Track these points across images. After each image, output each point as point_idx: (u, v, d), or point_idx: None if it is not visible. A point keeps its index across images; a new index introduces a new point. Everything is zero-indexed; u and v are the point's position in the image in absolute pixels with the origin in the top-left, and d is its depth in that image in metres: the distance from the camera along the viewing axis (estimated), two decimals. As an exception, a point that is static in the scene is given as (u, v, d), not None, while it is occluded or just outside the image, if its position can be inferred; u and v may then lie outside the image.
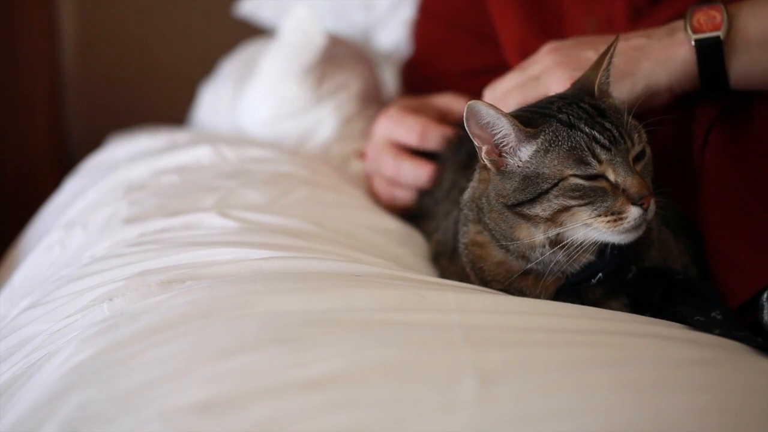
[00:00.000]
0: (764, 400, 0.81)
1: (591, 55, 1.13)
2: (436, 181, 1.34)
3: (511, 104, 1.14)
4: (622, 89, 1.11)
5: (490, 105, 0.99)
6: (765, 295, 1.03)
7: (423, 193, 1.37)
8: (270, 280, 0.99)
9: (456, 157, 1.29)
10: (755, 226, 1.09)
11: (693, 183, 1.19)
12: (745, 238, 1.09)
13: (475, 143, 1.03)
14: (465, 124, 1.01)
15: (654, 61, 1.12)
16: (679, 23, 1.14)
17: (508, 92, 1.18)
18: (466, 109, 0.99)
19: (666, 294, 1.06)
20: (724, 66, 1.11)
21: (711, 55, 1.11)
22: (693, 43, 1.11)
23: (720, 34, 1.10)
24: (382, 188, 1.43)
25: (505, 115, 0.99)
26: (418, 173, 1.36)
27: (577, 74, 1.09)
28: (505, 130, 1.00)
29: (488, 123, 1.00)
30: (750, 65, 1.11)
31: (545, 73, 1.15)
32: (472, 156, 1.09)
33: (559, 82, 1.12)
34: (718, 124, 1.17)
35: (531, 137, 1.00)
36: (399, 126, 1.40)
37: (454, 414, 0.77)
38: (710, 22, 1.11)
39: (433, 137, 1.36)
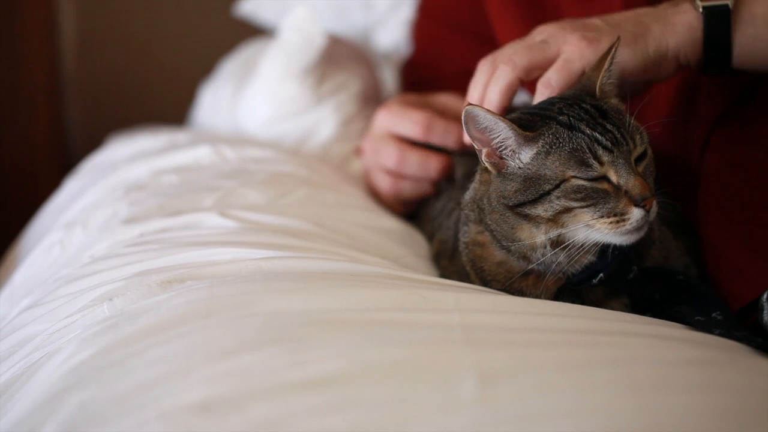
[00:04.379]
0: (764, 400, 0.81)
1: (595, 21, 1.11)
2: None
3: (519, 63, 1.10)
4: (636, 51, 1.09)
5: (488, 110, 0.99)
6: (765, 296, 1.03)
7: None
8: (270, 280, 0.99)
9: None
10: (755, 229, 1.09)
11: (691, 185, 1.19)
12: (745, 240, 1.09)
13: (475, 146, 1.03)
14: (464, 128, 1.01)
15: (663, 24, 1.10)
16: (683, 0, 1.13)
17: (514, 53, 1.11)
18: (464, 114, 0.99)
19: (666, 294, 1.06)
20: (729, 35, 1.10)
21: (717, 22, 1.10)
22: (701, 10, 1.10)
23: (728, 2, 1.10)
24: (384, 182, 1.40)
25: (503, 119, 0.99)
26: (427, 165, 1.35)
27: (589, 35, 1.07)
28: (504, 134, 1.00)
29: (486, 128, 1.00)
30: (754, 40, 1.11)
31: (553, 37, 1.11)
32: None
33: (572, 43, 1.08)
34: (720, 127, 1.17)
35: (530, 140, 1.00)
36: (402, 119, 1.37)
37: (454, 414, 0.77)
38: None
39: (438, 130, 1.34)
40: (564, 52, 1.08)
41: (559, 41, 1.09)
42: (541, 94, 1.08)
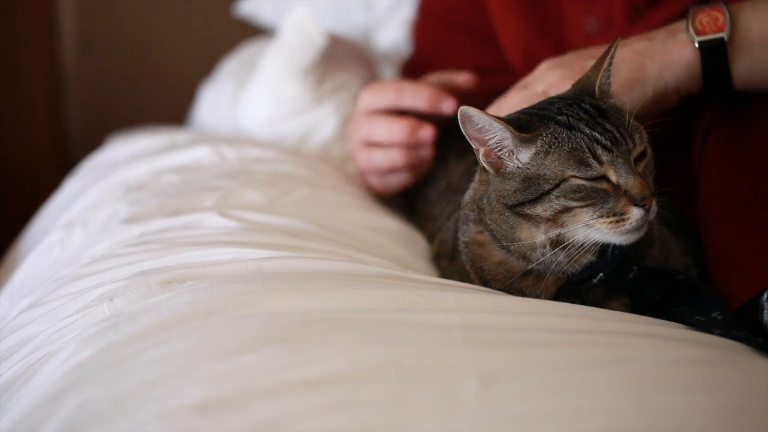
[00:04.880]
0: (764, 400, 0.81)
1: (592, 63, 1.13)
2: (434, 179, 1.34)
3: None
4: (634, 96, 1.11)
5: (483, 111, 0.99)
6: (765, 296, 1.03)
7: (422, 190, 1.36)
8: (270, 280, 0.99)
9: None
10: (755, 227, 1.09)
11: (691, 184, 1.19)
12: (744, 239, 1.09)
13: (473, 146, 1.03)
14: (461, 128, 1.01)
15: (659, 64, 1.12)
16: (680, 24, 1.14)
17: (518, 106, 1.13)
18: (460, 115, 0.99)
19: (667, 294, 1.06)
20: (728, 67, 1.11)
21: (714, 56, 1.11)
22: (696, 45, 1.11)
23: (723, 35, 1.10)
24: (399, 156, 1.35)
25: (499, 120, 0.99)
26: (400, 129, 1.31)
27: None
28: (500, 135, 1.00)
29: (482, 128, 1.00)
30: (752, 66, 1.11)
31: (552, 88, 1.13)
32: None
33: None
34: (718, 125, 1.17)
35: (527, 141, 1.00)
36: (401, 93, 1.34)
37: (454, 414, 0.77)
38: (713, 23, 1.11)
39: (447, 104, 1.31)
40: None
41: (559, 91, 1.11)
42: None
